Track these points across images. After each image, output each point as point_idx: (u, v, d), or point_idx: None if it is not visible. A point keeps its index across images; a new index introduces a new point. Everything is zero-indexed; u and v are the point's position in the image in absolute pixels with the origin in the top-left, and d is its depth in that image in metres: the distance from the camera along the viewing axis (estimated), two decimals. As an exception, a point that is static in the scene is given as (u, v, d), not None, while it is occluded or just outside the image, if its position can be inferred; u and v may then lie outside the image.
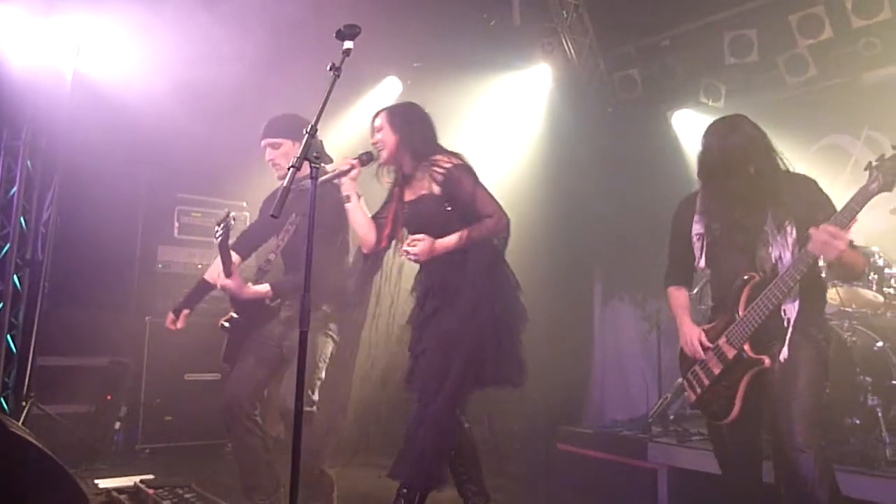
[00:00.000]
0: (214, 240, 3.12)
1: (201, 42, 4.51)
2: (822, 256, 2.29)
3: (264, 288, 3.15)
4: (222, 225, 3.10)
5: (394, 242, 2.89)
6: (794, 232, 2.42)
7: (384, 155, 2.85)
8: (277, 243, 3.16)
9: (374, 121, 2.91)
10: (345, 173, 2.79)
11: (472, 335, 2.67)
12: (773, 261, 2.44)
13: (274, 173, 3.35)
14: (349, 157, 2.81)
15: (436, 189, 2.77)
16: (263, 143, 3.31)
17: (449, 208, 2.78)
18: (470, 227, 2.74)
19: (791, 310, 2.40)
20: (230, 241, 3.15)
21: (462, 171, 2.77)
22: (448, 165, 2.76)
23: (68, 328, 4.62)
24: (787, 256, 2.41)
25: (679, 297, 2.78)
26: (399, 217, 2.89)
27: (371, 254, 2.88)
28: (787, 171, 2.56)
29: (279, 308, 3.24)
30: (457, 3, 5.18)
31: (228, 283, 3.14)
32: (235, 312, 3.27)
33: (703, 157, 2.58)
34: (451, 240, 2.73)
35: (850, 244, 2.31)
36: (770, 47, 4.86)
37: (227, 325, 3.27)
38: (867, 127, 4.56)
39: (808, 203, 2.42)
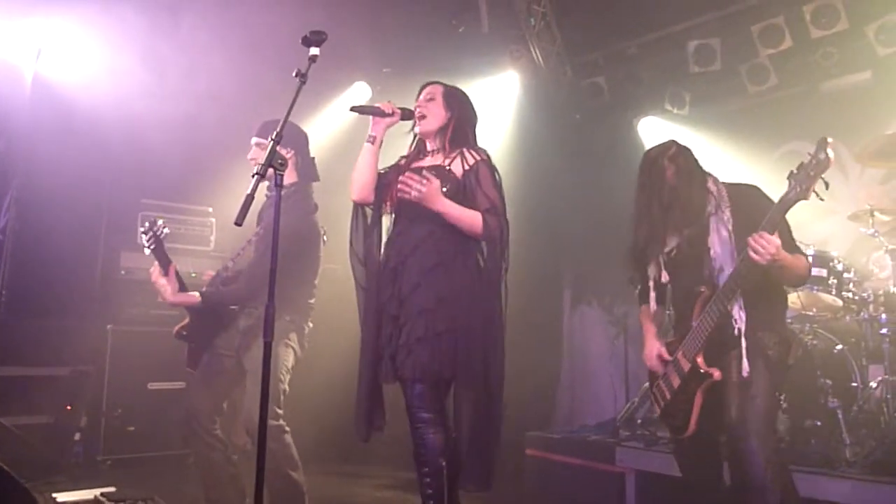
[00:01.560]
0: (146, 249, 3.09)
1: (165, 46, 4.45)
2: (756, 260, 2.30)
3: (193, 296, 3.08)
4: (149, 235, 3.08)
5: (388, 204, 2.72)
6: (733, 240, 2.46)
7: (425, 125, 2.72)
8: (238, 252, 3.13)
9: (425, 88, 2.79)
10: (382, 114, 2.68)
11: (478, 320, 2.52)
12: (717, 268, 2.48)
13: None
14: (390, 103, 2.71)
15: (455, 170, 2.63)
16: (253, 141, 3.27)
17: (445, 190, 2.60)
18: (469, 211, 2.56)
19: (740, 319, 2.43)
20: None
21: (487, 167, 2.65)
22: (478, 158, 2.65)
23: (27, 337, 4.49)
24: (728, 268, 2.45)
25: (647, 311, 2.82)
26: (398, 181, 2.65)
27: (359, 202, 2.74)
28: (731, 182, 2.63)
29: (237, 316, 3.20)
30: (426, 9, 5.20)
31: (162, 281, 3.07)
32: (190, 319, 3.22)
33: (647, 181, 2.64)
34: (454, 207, 2.53)
35: (793, 247, 2.39)
36: (733, 56, 4.97)
37: (184, 332, 3.22)
38: (826, 135, 4.68)
39: (750, 211, 2.46)
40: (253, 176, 2.10)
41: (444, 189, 2.56)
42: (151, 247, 3.10)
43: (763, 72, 4.86)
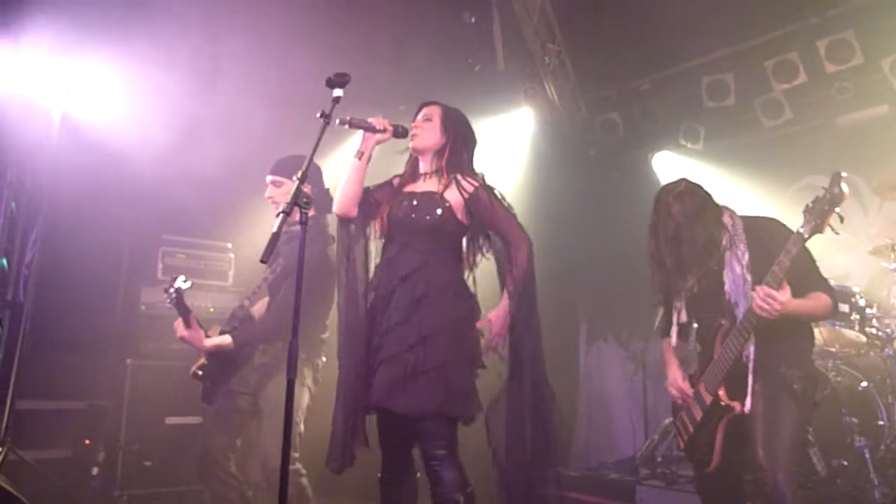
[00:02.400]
0: (167, 303, 3.13)
1: (187, 86, 4.56)
2: (763, 315, 2.31)
3: (225, 340, 3.10)
4: (171, 291, 3.12)
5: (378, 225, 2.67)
6: (747, 275, 2.45)
7: (418, 142, 2.66)
8: (254, 290, 3.16)
9: (423, 108, 2.74)
10: (374, 130, 2.59)
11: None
12: (732, 304, 2.48)
13: (272, 210, 3.34)
14: (386, 120, 2.64)
15: (450, 197, 2.58)
16: (268, 179, 3.32)
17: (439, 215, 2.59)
18: (511, 277, 2.61)
19: (750, 355, 2.42)
20: None
21: (485, 191, 2.62)
22: (476, 184, 2.61)
23: (47, 371, 4.52)
24: (742, 304, 2.44)
25: (668, 345, 2.80)
26: (391, 203, 2.66)
27: (340, 216, 2.65)
28: (749, 215, 2.63)
29: (252, 354, 3.22)
30: (443, 47, 5.30)
31: (186, 334, 3.12)
32: (206, 359, 3.24)
33: (655, 220, 2.65)
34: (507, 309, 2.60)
35: (814, 283, 2.39)
36: (747, 91, 5.00)
37: (199, 372, 3.24)
38: (843, 169, 4.68)
39: (769, 244, 2.46)
40: (277, 215, 2.13)
41: (432, 216, 2.54)
42: (173, 303, 3.13)
43: (778, 106, 4.89)
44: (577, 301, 5.99)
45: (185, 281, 3.15)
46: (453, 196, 2.58)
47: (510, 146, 5.65)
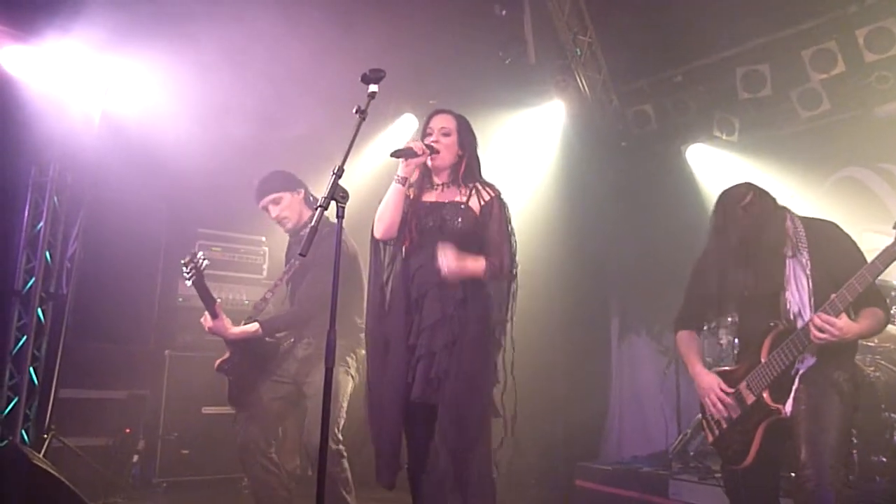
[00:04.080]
0: (188, 282, 3.12)
1: (222, 81, 4.64)
2: (820, 340, 2.29)
3: (252, 327, 3.16)
4: (189, 266, 3.10)
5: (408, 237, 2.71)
6: (811, 284, 2.43)
7: (439, 160, 2.71)
8: (276, 283, 3.19)
9: (437, 118, 2.77)
10: (415, 155, 2.63)
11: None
12: (793, 312, 2.45)
13: (282, 229, 3.43)
14: (420, 142, 2.68)
15: (473, 206, 2.67)
16: (263, 202, 3.38)
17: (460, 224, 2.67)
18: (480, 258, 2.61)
19: (806, 362, 2.40)
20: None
21: (499, 203, 2.71)
22: (493, 194, 2.71)
23: (89, 361, 4.67)
24: (807, 311, 2.40)
25: (690, 341, 2.79)
26: (415, 214, 2.71)
27: (383, 240, 2.71)
28: (808, 217, 2.59)
29: (290, 345, 3.27)
30: (473, 41, 5.30)
31: (213, 324, 3.16)
32: (231, 352, 3.28)
33: (721, 225, 2.61)
34: (475, 264, 2.58)
35: (871, 299, 2.35)
36: (783, 82, 4.90)
37: (225, 366, 3.28)
38: (881, 160, 4.60)
39: (830, 252, 2.43)
40: (316, 208, 2.17)
41: (463, 225, 2.63)
42: (192, 279, 3.10)
43: (815, 97, 4.79)
44: (610, 295, 5.95)
45: (203, 258, 3.12)
46: (475, 204, 2.69)
47: (541, 139, 5.62)
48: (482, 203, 2.68)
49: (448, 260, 2.51)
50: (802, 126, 5.03)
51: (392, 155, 2.62)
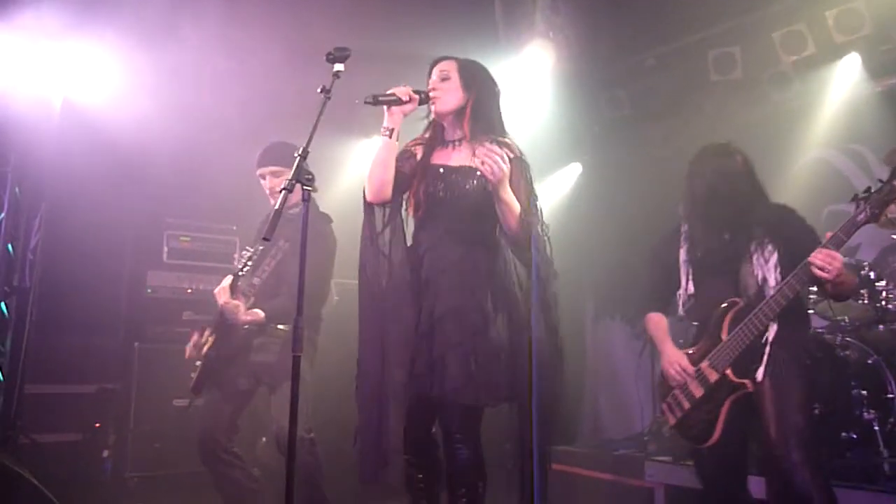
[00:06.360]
0: (240, 272, 3.09)
1: (188, 68, 4.53)
2: (820, 276, 2.31)
3: (260, 314, 3.10)
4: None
5: (404, 197, 2.46)
6: (777, 255, 2.44)
7: (440, 106, 2.43)
8: (262, 268, 3.14)
9: (437, 65, 2.48)
10: (399, 102, 2.34)
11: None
12: (758, 284, 2.46)
13: (272, 202, 3.33)
14: (409, 87, 2.37)
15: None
16: (261, 171, 3.30)
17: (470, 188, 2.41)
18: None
19: (771, 331, 2.42)
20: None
21: (519, 166, 2.40)
22: (512, 155, 2.37)
23: (56, 355, 4.56)
24: (772, 279, 2.43)
25: (659, 321, 2.80)
26: (424, 178, 2.45)
27: (376, 203, 2.42)
28: (769, 201, 2.63)
29: (251, 334, 3.20)
30: (443, 23, 5.22)
31: (230, 302, 3.06)
32: (216, 338, 3.21)
33: (694, 183, 2.61)
34: (511, 198, 2.28)
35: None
36: (754, 64, 4.92)
37: (212, 353, 3.20)
38: (851, 141, 4.65)
39: (792, 231, 2.48)
40: (280, 191, 2.11)
41: (472, 195, 2.38)
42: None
43: (785, 79, 4.82)
44: (584, 279, 5.97)
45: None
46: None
47: (517, 117, 5.57)
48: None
49: (498, 163, 2.17)
50: (774, 108, 5.06)
51: (367, 102, 2.30)
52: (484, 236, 2.43)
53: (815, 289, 2.83)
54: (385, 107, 2.36)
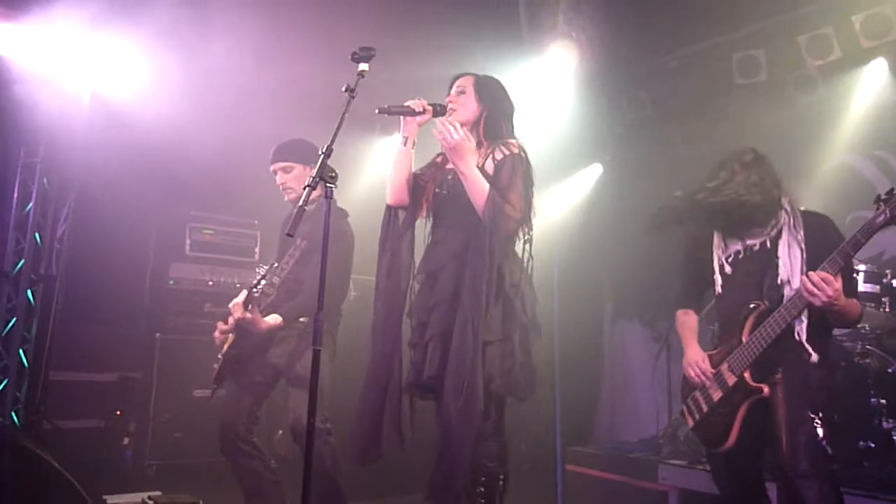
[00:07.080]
0: (254, 292, 3.10)
1: (217, 65, 4.58)
2: (808, 300, 2.28)
3: (277, 320, 3.11)
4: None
5: (424, 206, 2.64)
6: (803, 256, 2.43)
7: (456, 118, 2.61)
8: (281, 266, 3.18)
9: (456, 81, 2.70)
10: (413, 113, 2.55)
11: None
12: (782, 280, 2.44)
13: (284, 197, 3.38)
14: (423, 100, 2.58)
15: (489, 169, 2.52)
16: (274, 167, 3.35)
17: None
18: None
19: (802, 331, 2.39)
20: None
21: (513, 161, 2.51)
22: (507, 152, 2.53)
23: (80, 343, 4.65)
24: (795, 282, 2.41)
25: (687, 320, 2.79)
26: (435, 181, 2.64)
27: (395, 206, 2.64)
28: (806, 210, 2.61)
29: (272, 332, 3.21)
30: (469, 27, 5.23)
31: (248, 316, 3.06)
32: (237, 337, 3.24)
33: (719, 188, 2.60)
34: (475, 173, 2.43)
35: (851, 291, 2.35)
36: (779, 67, 4.88)
37: (234, 351, 3.24)
38: (876, 146, 4.60)
39: (821, 242, 2.43)
40: (304, 188, 2.14)
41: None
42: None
43: (811, 83, 4.77)
44: (603, 280, 5.96)
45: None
46: (489, 165, 2.53)
47: (538, 121, 5.57)
48: (495, 162, 2.52)
49: (449, 131, 2.39)
50: (798, 112, 5.01)
51: (381, 111, 2.47)
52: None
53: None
54: (401, 116, 2.55)
